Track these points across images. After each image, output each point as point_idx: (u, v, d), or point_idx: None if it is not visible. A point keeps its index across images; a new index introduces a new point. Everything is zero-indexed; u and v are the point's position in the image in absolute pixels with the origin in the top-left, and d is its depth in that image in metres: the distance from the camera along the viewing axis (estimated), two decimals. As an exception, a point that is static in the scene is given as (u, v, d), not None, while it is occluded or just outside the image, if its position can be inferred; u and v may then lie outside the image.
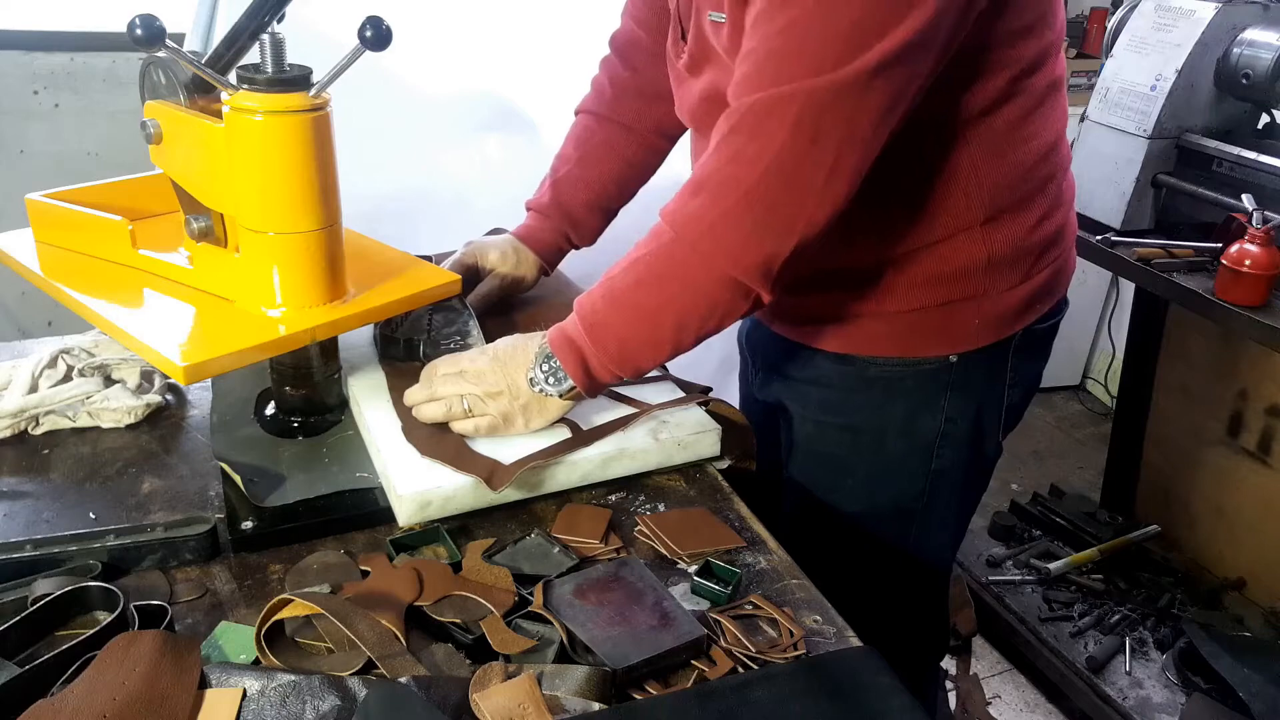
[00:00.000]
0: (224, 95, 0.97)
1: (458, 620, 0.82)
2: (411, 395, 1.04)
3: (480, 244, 1.34)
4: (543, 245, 1.34)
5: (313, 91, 0.97)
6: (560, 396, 1.01)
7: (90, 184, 1.21)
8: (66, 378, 1.13)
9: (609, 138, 1.33)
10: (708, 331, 0.98)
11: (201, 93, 1.01)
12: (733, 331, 1.15)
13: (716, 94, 1.02)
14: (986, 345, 1.13)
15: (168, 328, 1.00)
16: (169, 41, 0.89)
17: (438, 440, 1.01)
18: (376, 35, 0.92)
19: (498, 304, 1.32)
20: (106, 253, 1.12)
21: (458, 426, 1.01)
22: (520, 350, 1.02)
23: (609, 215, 1.37)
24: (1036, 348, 1.20)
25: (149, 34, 0.86)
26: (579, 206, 1.33)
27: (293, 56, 0.98)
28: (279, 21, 0.99)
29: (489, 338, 1.16)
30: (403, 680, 0.73)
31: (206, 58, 0.97)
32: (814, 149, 0.87)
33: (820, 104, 0.86)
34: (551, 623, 0.81)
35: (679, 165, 1.32)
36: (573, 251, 1.40)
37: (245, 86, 0.96)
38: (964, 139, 1.01)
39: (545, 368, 1.00)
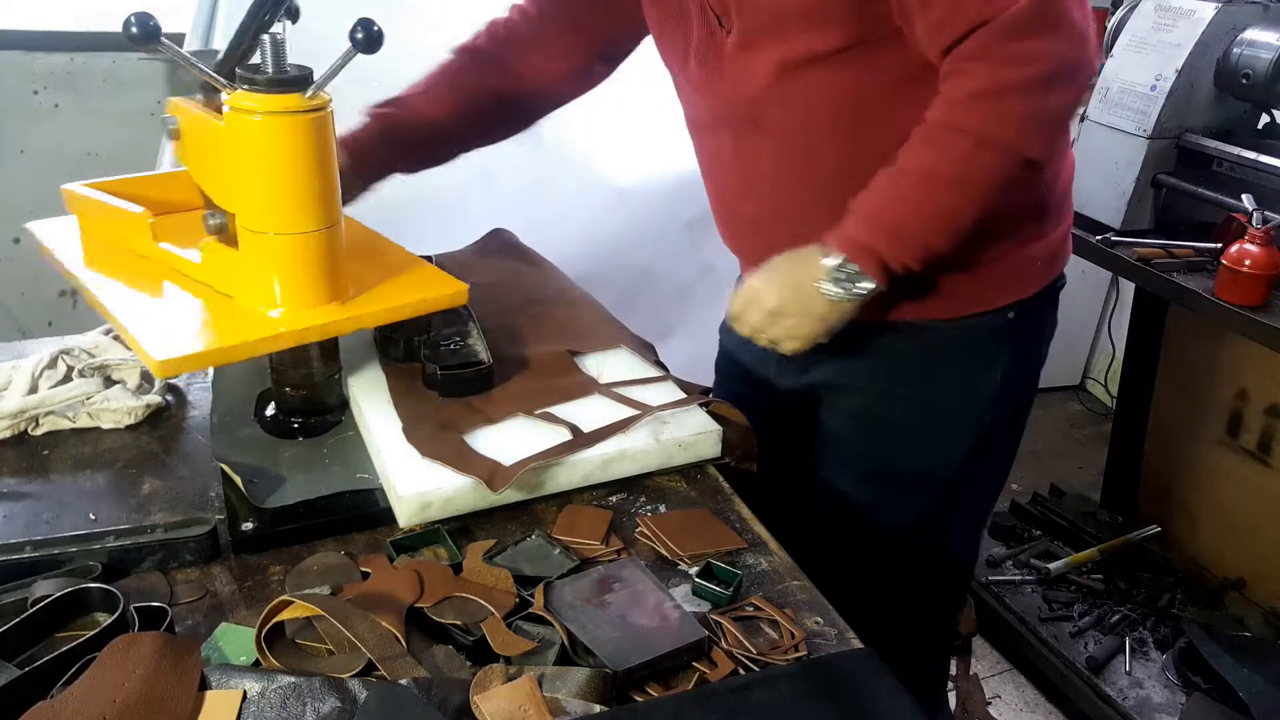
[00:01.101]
0: (223, 95, 0.97)
1: (458, 622, 0.82)
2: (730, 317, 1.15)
3: None
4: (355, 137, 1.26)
5: (308, 93, 0.97)
6: (861, 294, 1.08)
7: (130, 176, 1.21)
8: (66, 378, 1.13)
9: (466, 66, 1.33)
10: (996, 210, 1.07)
11: (214, 91, 1.01)
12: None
13: (799, 57, 1.06)
14: (1039, 291, 1.20)
15: (160, 321, 1.00)
16: (165, 40, 0.89)
17: (438, 441, 1.01)
18: (368, 38, 0.92)
19: (498, 308, 1.31)
20: (131, 244, 1.13)
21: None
22: (804, 265, 1.08)
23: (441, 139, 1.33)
24: (1055, 302, 1.27)
25: (144, 32, 0.86)
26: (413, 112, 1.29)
27: (294, 57, 0.98)
28: (294, 21, 0.99)
29: (491, 340, 1.16)
30: (403, 682, 0.73)
31: (221, 55, 0.97)
32: (1086, 19, 0.98)
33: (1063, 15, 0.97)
34: (552, 624, 0.81)
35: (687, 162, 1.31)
36: (570, 252, 1.39)
37: (245, 87, 0.96)
38: None
39: (840, 274, 1.07)
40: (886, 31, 1.02)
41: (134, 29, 0.85)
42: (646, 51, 2.53)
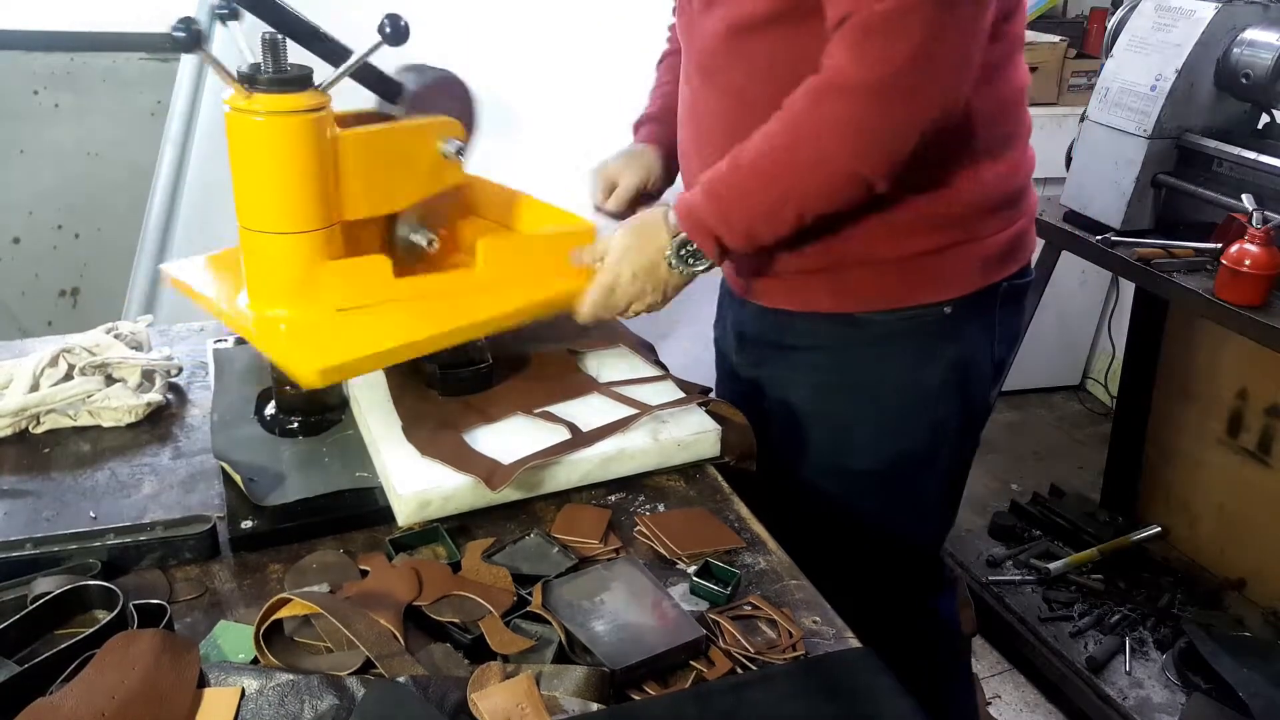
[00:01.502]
0: (224, 95, 0.97)
1: (456, 620, 0.82)
2: (582, 315, 1.14)
3: (606, 163, 1.39)
4: (663, 141, 1.38)
5: (322, 87, 0.98)
6: (699, 271, 1.11)
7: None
8: (67, 376, 1.13)
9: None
10: (825, 216, 1.06)
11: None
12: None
13: (743, 19, 1.07)
14: (977, 291, 1.18)
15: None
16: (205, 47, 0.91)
17: (437, 440, 1.01)
18: (395, 31, 0.94)
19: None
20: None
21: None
22: (651, 245, 1.10)
23: None
24: (1015, 303, 1.26)
25: (190, 37, 0.89)
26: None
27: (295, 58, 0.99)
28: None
29: (490, 339, 1.15)
30: (401, 680, 0.73)
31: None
32: (945, 43, 0.95)
33: (948, 4, 0.94)
34: (550, 623, 0.81)
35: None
36: None
37: (246, 87, 0.96)
38: None
39: (683, 252, 1.08)
40: (818, 3, 1.02)
41: (181, 34, 0.88)
42: (646, 52, 2.53)
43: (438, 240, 1.12)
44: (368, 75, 1.06)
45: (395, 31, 0.95)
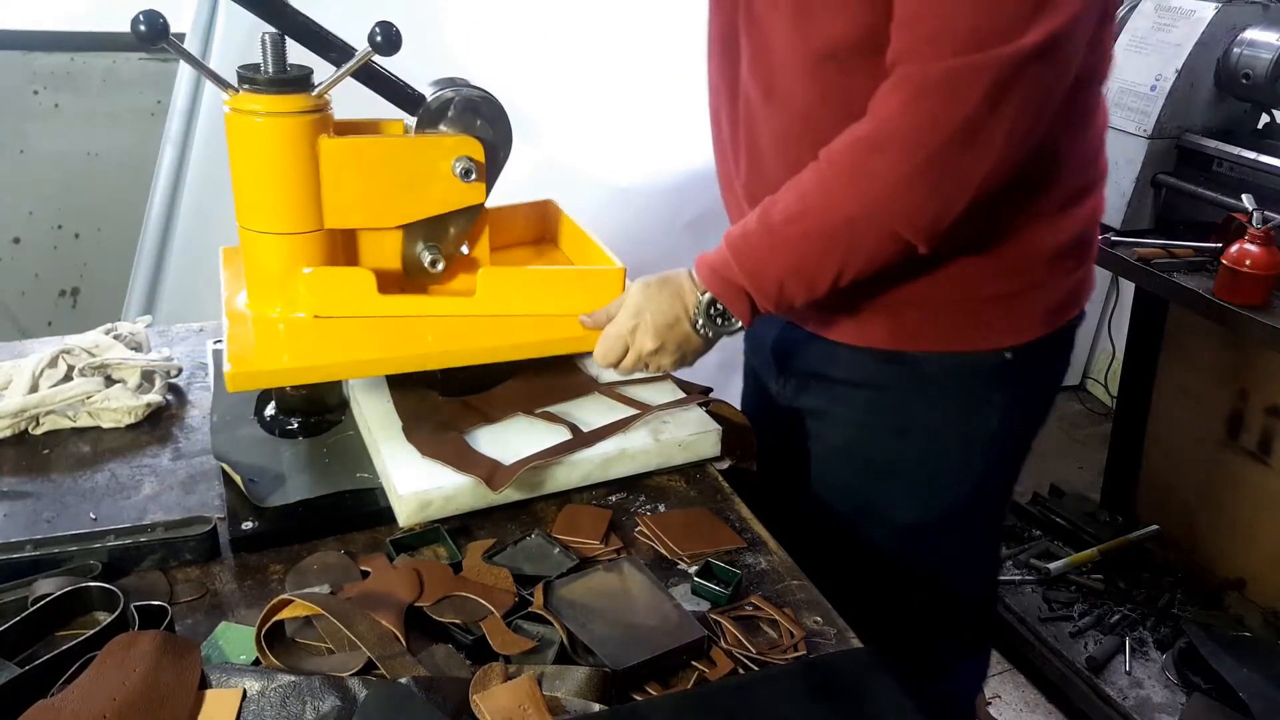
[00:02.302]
0: (224, 96, 0.97)
1: (458, 621, 0.82)
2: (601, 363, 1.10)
3: None
4: None
5: (316, 91, 0.97)
6: (727, 332, 1.06)
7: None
8: (67, 377, 1.13)
9: None
10: (863, 277, 1.00)
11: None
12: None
13: (822, 47, 0.98)
14: (1043, 337, 1.11)
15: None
16: (172, 39, 0.90)
17: (438, 440, 1.01)
18: (387, 40, 0.93)
19: None
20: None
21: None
22: (677, 303, 1.05)
23: None
24: (1069, 343, 1.19)
25: (152, 30, 0.87)
26: None
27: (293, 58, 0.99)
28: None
29: None
30: (403, 681, 0.73)
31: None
32: (1001, 114, 0.88)
33: (1014, 71, 0.87)
34: (552, 623, 0.81)
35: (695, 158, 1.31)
36: None
37: (246, 87, 0.96)
38: (1063, 109, 0.98)
39: (712, 312, 1.03)
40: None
41: (143, 27, 0.86)
42: (646, 52, 2.53)
43: (443, 261, 1.09)
44: (385, 85, 1.04)
45: (387, 40, 0.93)
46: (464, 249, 1.13)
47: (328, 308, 1.04)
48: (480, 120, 1.08)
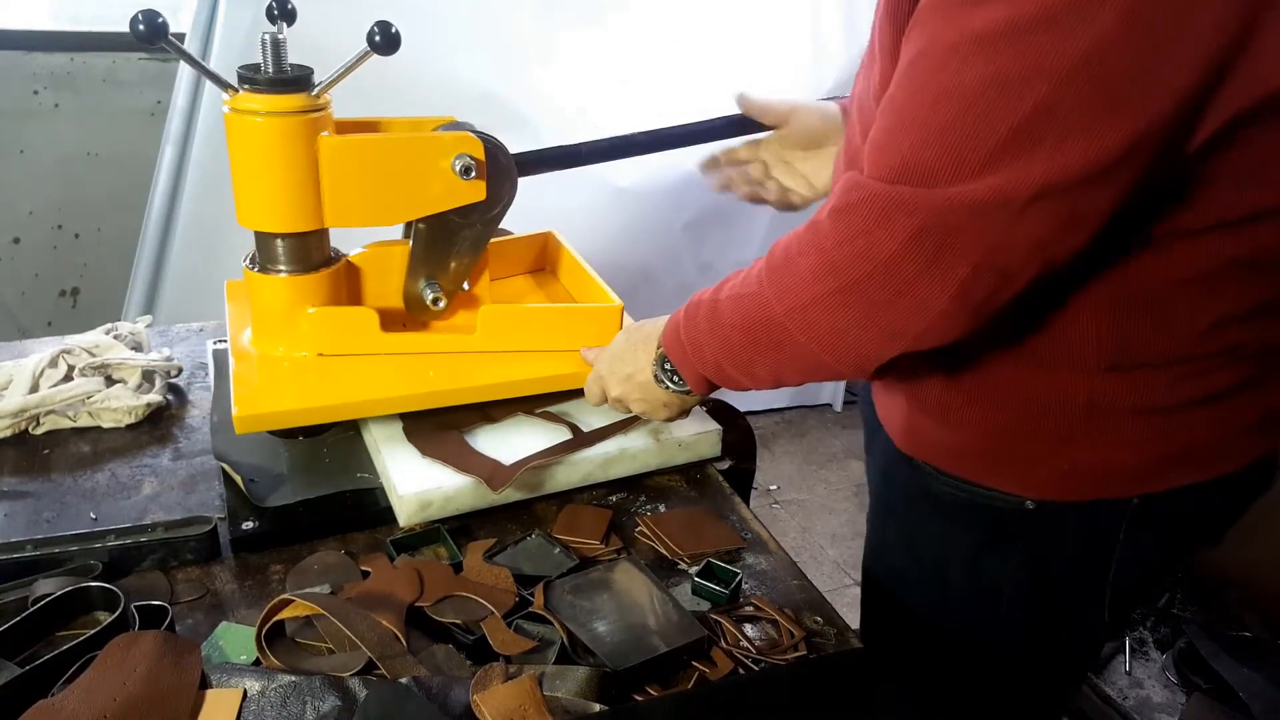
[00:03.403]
0: (224, 96, 0.97)
1: (458, 621, 0.82)
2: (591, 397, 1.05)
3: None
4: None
5: (315, 91, 0.97)
6: (685, 393, 0.95)
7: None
8: (67, 377, 1.13)
9: None
10: (819, 381, 0.87)
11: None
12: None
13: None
14: (1079, 502, 0.89)
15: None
16: (171, 39, 0.89)
17: (439, 440, 1.01)
18: (385, 39, 0.93)
19: None
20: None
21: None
22: (640, 354, 0.97)
23: None
24: (1170, 521, 0.92)
25: (151, 30, 0.87)
26: None
27: (293, 58, 0.99)
28: (290, 23, 0.99)
29: None
30: (403, 681, 0.73)
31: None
32: (936, 269, 0.70)
33: (949, 225, 0.68)
34: (552, 623, 0.81)
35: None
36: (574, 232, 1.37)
37: (246, 87, 0.96)
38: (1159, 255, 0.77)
39: (666, 368, 0.94)
40: None
41: (141, 26, 0.86)
42: (646, 52, 2.53)
43: (444, 298, 1.10)
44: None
45: (386, 40, 0.94)
46: (465, 285, 1.14)
47: (331, 346, 1.05)
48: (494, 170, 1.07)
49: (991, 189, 0.65)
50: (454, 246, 1.09)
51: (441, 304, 1.09)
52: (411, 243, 1.08)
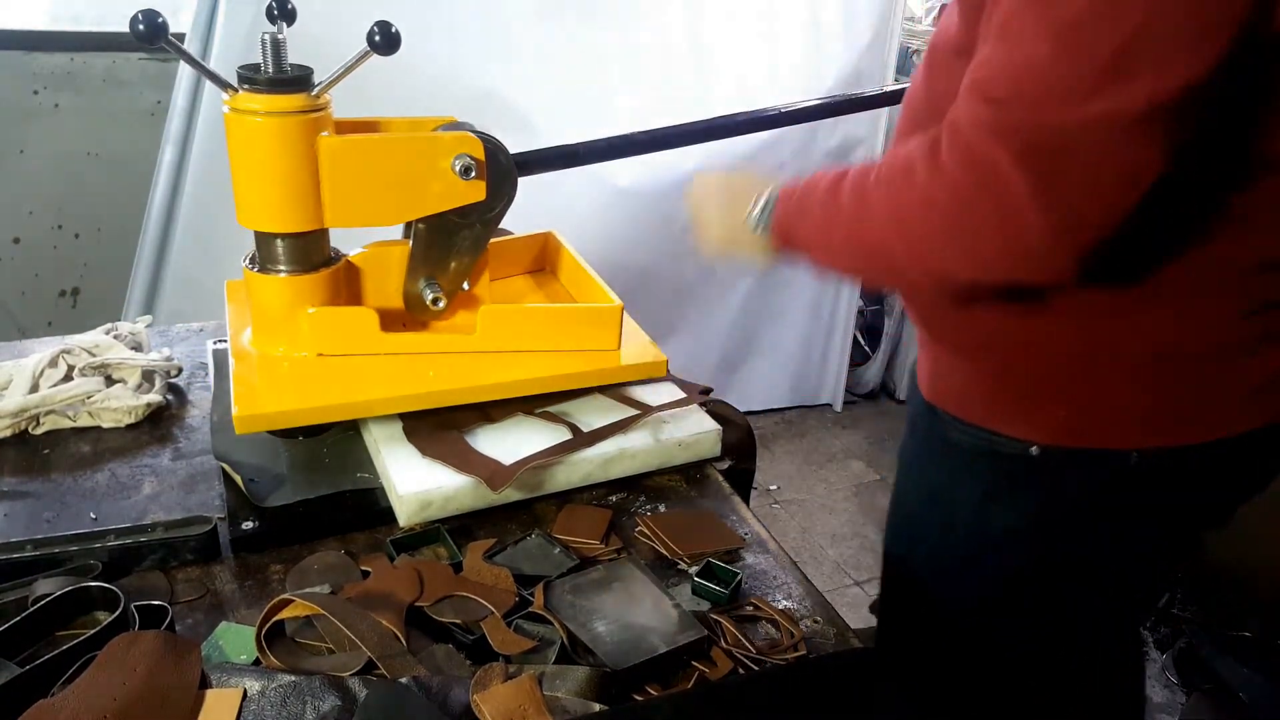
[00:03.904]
0: (224, 96, 0.97)
1: (458, 621, 0.82)
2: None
3: None
4: None
5: (315, 91, 0.97)
6: (764, 241, 0.97)
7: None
8: (67, 377, 1.13)
9: None
10: (902, 287, 0.96)
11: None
12: (732, 331, 1.10)
13: (936, 47, 0.91)
14: (1083, 449, 0.91)
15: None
16: (171, 39, 0.90)
17: (439, 440, 1.01)
18: (385, 39, 0.93)
19: None
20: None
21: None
22: (753, 186, 0.98)
23: None
24: (1184, 471, 0.92)
25: (151, 29, 0.87)
26: None
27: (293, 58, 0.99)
28: (290, 23, 0.99)
29: None
30: (403, 680, 0.73)
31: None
32: (1043, 192, 0.71)
33: (1058, 146, 0.70)
34: (552, 623, 0.81)
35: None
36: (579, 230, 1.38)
37: (246, 87, 0.96)
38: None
39: (763, 210, 0.95)
40: None
41: (141, 26, 0.86)
42: (647, 52, 2.53)
43: (444, 298, 1.10)
44: None
45: (386, 39, 0.94)
46: (464, 285, 1.14)
47: (331, 346, 1.05)
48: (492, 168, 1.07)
49: (1100, 112, 0.68)
50: (454, 246, 1.09)
51: (441, 304, 1.10)
52: (411, 243, 1.08)
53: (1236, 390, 0.89)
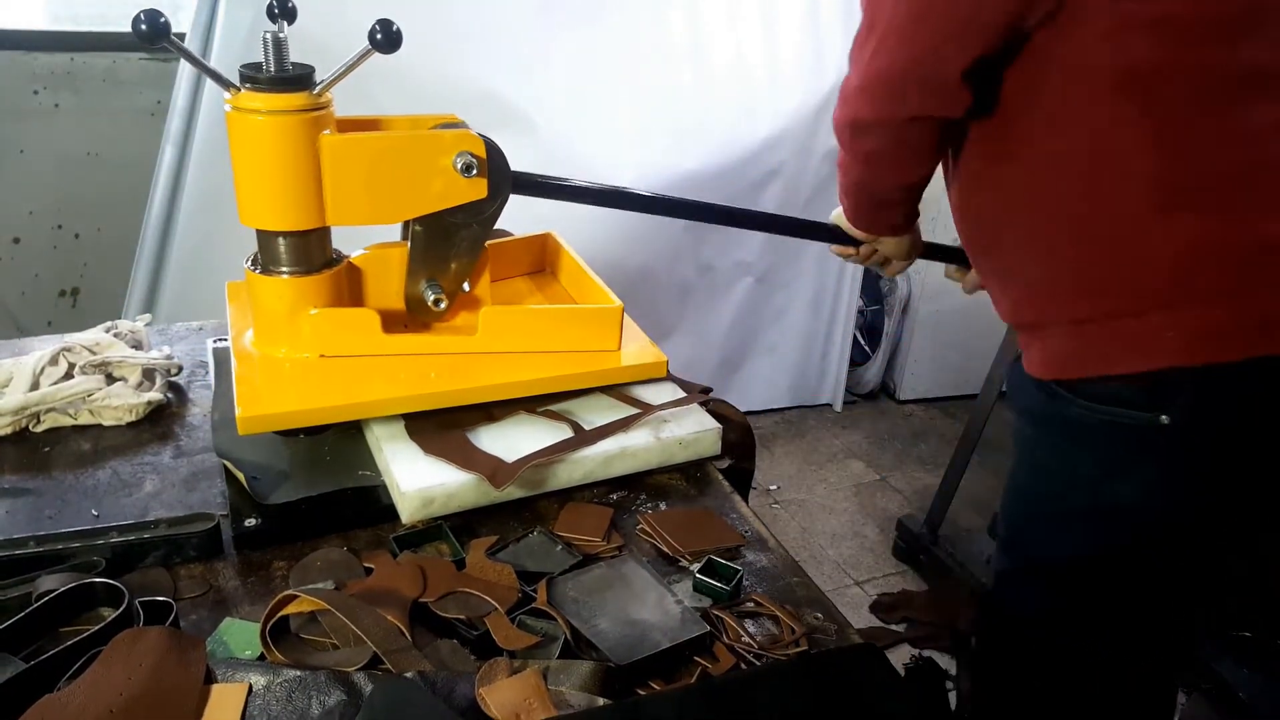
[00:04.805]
0: (225, 95, 0.97)
1: (462, 616, 0.82)
2: None
3: None
4: None
5: (317, 90, 0.98)
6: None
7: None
8: (68, 375, 1.13)
9: None
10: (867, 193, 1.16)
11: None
12: (732, 331, 1.14)
13: None
14: (1199, 370, 0.91)
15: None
16: (173, 39, 0.90)
17: (441, 438, 1.01)
18: (387, 38, 0.93)
19: None
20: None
21: None
22: None
23: None
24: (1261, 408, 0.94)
25: (153, 30, 0.87)
26: None
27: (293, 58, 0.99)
28: (290, 22, 1.00)
29: None
30: (408, 675, 0.73)
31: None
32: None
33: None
34: (555, 619, 0.81)
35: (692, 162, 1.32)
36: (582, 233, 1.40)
37: (248, 86, 0.96)
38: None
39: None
40: None
41: (144, 26, 0.86)
42: (647, 52, 2.53)
43: (446, 299, 1.10)
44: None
45: (387, 38, 0.94)
46: (465, 287, 1.14)
47: (334, 348, 1.06)
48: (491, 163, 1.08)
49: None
50: (452, 247, 1.09)
51: (443, 305, 1.10)
52: (410, 245, 1.09)
53: None
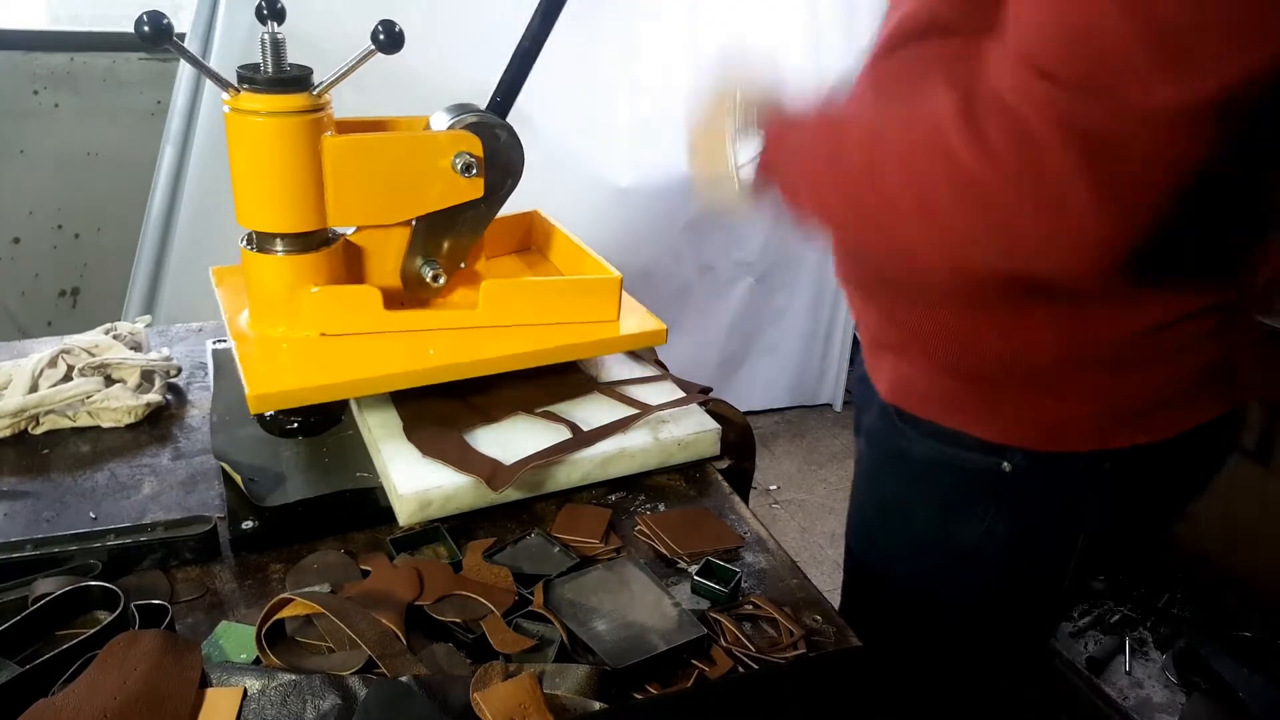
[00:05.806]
0: (224, 96, 0.97)
1: (458, 619, 0.82)
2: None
3: None
4: None
5: (316, 91, 0.97)
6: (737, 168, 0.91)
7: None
8: (67, 377, 1.13)
9: None
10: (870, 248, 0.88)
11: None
12: (732, 331, 1.11)
13: (894, 33, 0.85)
14: (1056, 452, 0.89)
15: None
16: (175, 40, 0.90)
17: (439, 440, 1.01)
18: (390, 38, 0.93)
19: None
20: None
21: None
22: (738, 119, 0.92)
23: None
24: (1147, 465, 0.91)
25: (156, 31, 0.87)
26: None
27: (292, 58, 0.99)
28: (280, 22, 0.99)
29: None
30: (403, 679, 0.73)
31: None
32: (1099, 186, 0.64)
33: (1120, 131, 0.63)
34: (552, 622, 0.81)
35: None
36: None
37: (246, 87, 0.96)
38: None
39: (745, 135, 0.90)
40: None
41: (146, 27, 0.86)
42: (646, 52, 2.53)
43: (444, 276, 1.10)
44: None
45: (390, 39, 0.94)
46: (462, 264, 1.14)
47: (334, 326, 1.05)
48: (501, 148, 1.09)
49: (1172, 99, 0.62)
50: (455, 226, 1.10)
51: (441, 281, 1.10)
52: (414, 223, 1.09)
53: (1190, 384, 0.88)
